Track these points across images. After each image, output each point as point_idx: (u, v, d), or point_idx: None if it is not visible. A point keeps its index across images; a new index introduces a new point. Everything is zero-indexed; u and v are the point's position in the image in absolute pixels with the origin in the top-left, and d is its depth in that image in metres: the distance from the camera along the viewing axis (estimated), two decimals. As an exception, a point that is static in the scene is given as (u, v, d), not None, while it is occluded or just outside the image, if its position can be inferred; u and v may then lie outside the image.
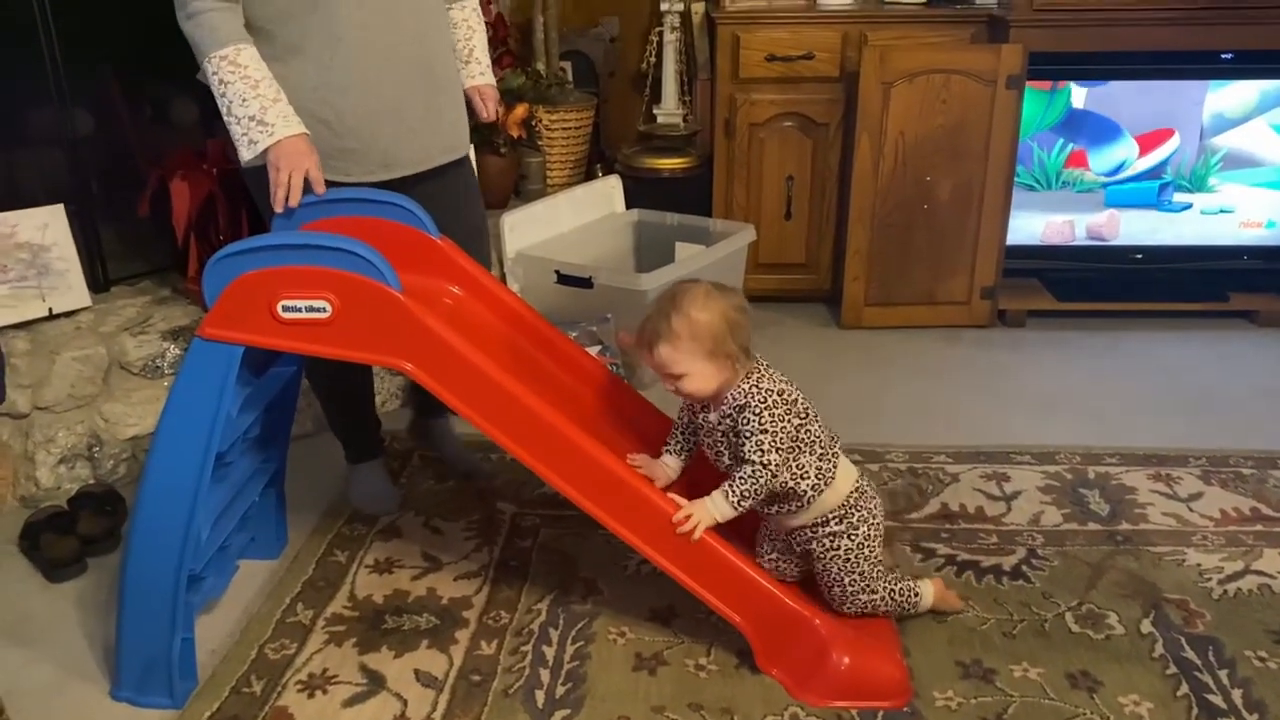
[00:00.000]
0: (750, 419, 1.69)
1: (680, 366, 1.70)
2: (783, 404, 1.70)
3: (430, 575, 2.07)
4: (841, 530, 1.77)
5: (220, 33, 1.77)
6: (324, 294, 1.59)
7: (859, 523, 1.77)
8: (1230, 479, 2.39)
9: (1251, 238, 3.24)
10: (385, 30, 1.88)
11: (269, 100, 1.79)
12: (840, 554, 1.77)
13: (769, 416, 1.69)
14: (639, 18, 3.66)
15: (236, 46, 1.78)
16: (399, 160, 1.97)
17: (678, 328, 1.68)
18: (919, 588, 1.86)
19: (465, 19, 2.16)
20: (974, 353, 3.09)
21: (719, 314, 1.69)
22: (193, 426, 1.63)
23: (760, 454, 1.68)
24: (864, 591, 1.78)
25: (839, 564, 1.77)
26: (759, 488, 1.70)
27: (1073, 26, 3.01)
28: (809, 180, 3.26)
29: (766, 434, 1.68)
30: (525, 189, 3.28)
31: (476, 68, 2.18)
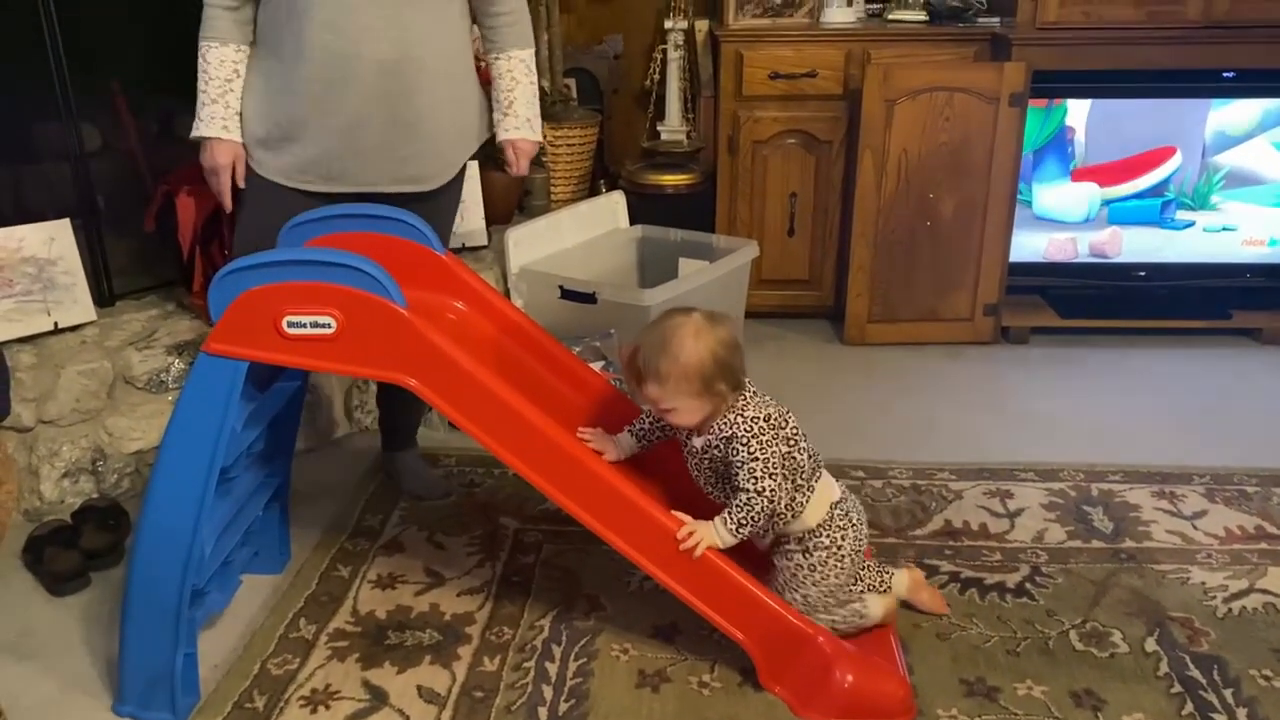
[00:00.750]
0: (739, 449, 1.70)
1: (668, 403, 1.71)
2: (770, 429, 1.71)
3: (433, 591, 2.07)
4: (797, 549, 1.79)
5: (205, 26, 1.95)
6: (329, 310, 1.60)
7: (829, 545, 1.78)
8: (1234, 497, 2.38)
9: (1254, 255, 3.24)
10: (349, 56, 1.91)
11: (209, 98, 1.96)
12: (799, 570, 1.78)
13: (757, 445, 1.70)
14: (643, 35, 3.68)
15: (208, 43, 1.94)
16: (346, 176, 2.01)
17: (665, 368, 1.68)
18: (865, 609, 1.83)
19: (510, 69, 2.14)
20: (977, 369, 3.10)
21: (708, 353, 1.67)
22: (197, 441, 1.63)
23: (754, 481, 1.69)
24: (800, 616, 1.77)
25: (791, 578, 1.79)
26: (756, 514, 1.70)
27: (1075, 45, 3.02)
28: (812, 197, 3.27)
29: (758, 461, 1.69)
30: (529, 205, 3.29)
31: (514, 120, 2.16)
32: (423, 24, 1.96)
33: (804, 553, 1.78)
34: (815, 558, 1.77)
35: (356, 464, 2.56)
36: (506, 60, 2.14)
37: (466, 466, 2.53)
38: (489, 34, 2.13)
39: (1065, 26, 3.01)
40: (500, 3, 2.09)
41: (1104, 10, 2.99)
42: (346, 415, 2.71)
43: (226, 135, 1.98)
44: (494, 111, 2.17)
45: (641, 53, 3.67)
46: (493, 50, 2.14)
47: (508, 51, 2.14)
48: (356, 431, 2.72)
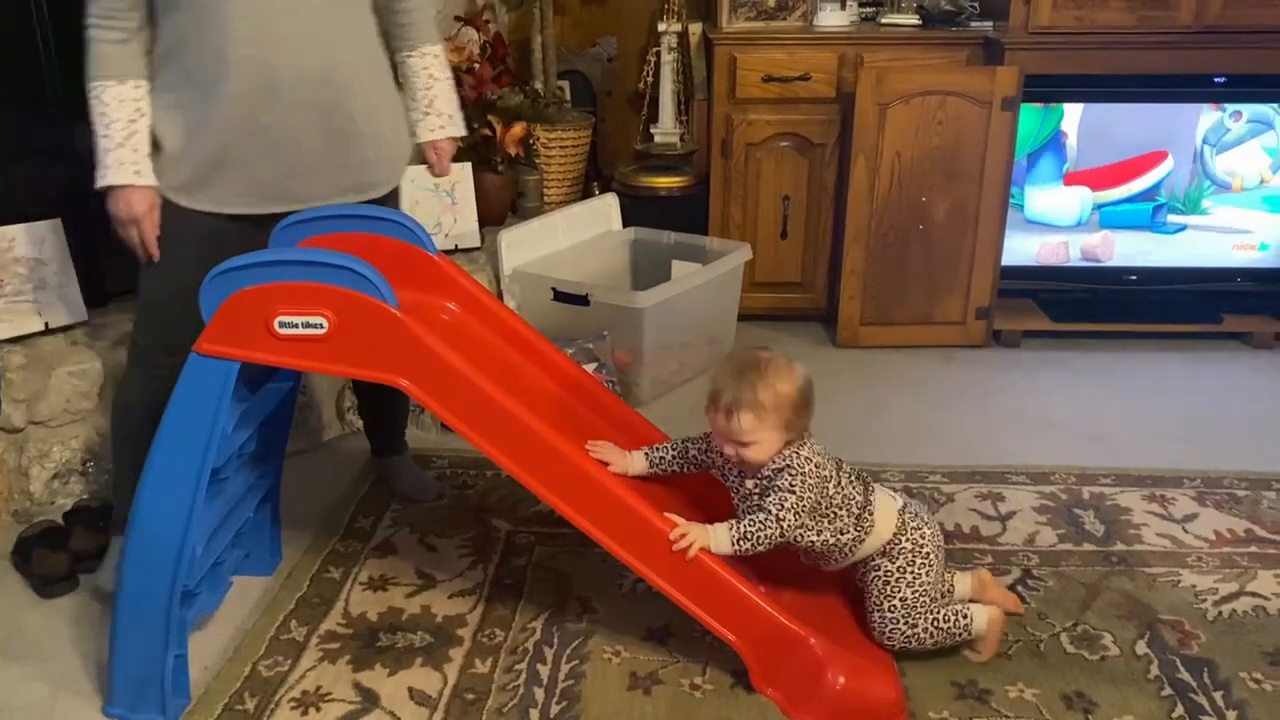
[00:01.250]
0: (786, 479, 1.73)
1: (754, 435, 1.72)
2: (816, 476, 1.74)
3: (425, 593, 2.06)
4: (882, 559, 1.80)
5: (95, 65, 1.79)
6: (321, 310, 1.59)
7: (912, 547, 1.80)
8: (1225, 500, 2.39)
9: (1245, 260, 3.25)
10: (275, 69, 1.80)
11: (114, 143, 1.79)
12: (881, 576, 1.80)
13: (801, 484, 1.72)
14: (637, 38, 3.68)
15: (102, 83, 1.79)
16: (289, 195, 1.90)
17: (763, 397, 1.70)
18: (968, 610, 1.83)
19: (425, 68, 2.06)
20: (969, 373, 3.10)
21: (798, 387, 1.73)
22: (189, 442, 1.63)
23: (780, 509, 1.71)
24: (903, 621, 1.79)
25: (878, 587, 1.80)
26: (764, 539, 1.71)
27: (1067, 49, 3.03)
28: (805, 200, 3.27)
29: (794, 495, 1.72)
30: (522, 207, 3.29)
31: (436, 120, 2.09)
32: (345, 28, 1.89)
33: (889, 558, 1.79)
34: (901, 560, 1.79)
35: (348, 466, 2.55)
36: (420, 57, 2.05)
37: (459, 468, 2.53)
38: (397, 31, 2.03)
39: (1057, 31, 3.02)
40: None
41: (1096, 15, 3.00)
42: (338, 417, 2.70)
43: (140, 181, 1.81)
44: (411, 112, 2.08)
45: (635, 55, 3.67)
46: (402, 48, 2.05)
47: (419, 48, 2.05)
48: (349, 433, 2.72)
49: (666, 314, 2.82)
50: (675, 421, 2.24)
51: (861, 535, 1.78)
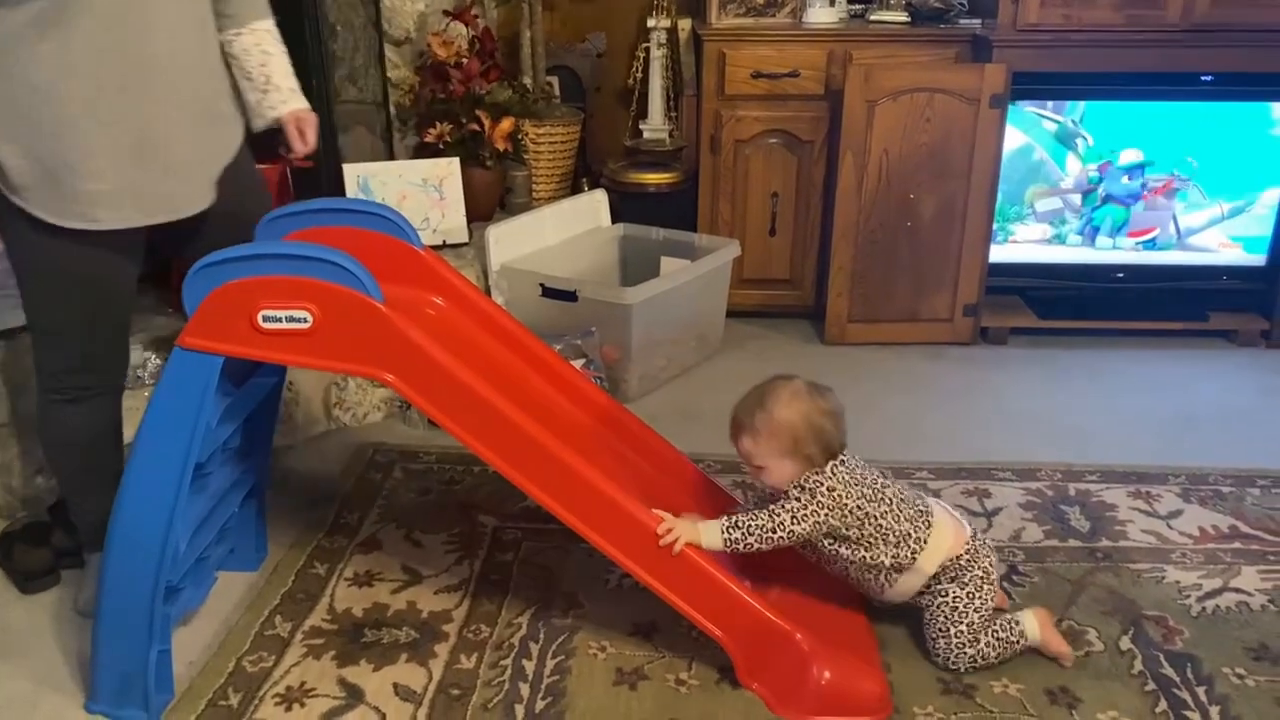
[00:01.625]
0: (796, 494, 1.75)
1: (759, 460, 1.77)
2: (830, 504, 1.75)
3: (410, 589, 2.06)
4: (949, 584, 1.80)
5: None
6: (305, 304, 1.59)
7: (981, 575, 1.80)
8: (1209, 497, 2.40)
9: (1231, 258, 3.27)
10: (132, 60, 1.65)
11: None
12: (948, 601, 1.79)
13: (814, 507, 1.74)
14: (626, 34, 3.67)
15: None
16: (165, 203, 1.75)
17: (759, 424, 1.76)
18: (1021, 620, 1.83)
19: (257, 42, 1.89)
20: (956, 370, 3.11)
21: (800, 415, 1.75)
22: (172, 436, 1.62)
23: (784, 513, 1.73)
24: (969, 644, 1.79)
25: (945, 613, 1.80)
26: (758, 539, 1.73)
27: (1055, 47, 3.04)
28: (793, 197, 3.27)
29: (796, 504, 1.74)
30: (511, 202, 3.28)
31: (278, 95, 1.92)
32: (193, 11, 1.77)
33: (959, 584, 1.79)
34: (970, 586, 1.79)
35: (334, 461, 2.54)
36: (250, 34, 1.89)
37: (445, 464, 2.52)
38: (223, 8, 1.85)
39: (1045, 29, 3.02)
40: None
41: (1084, 13, 3.00)
42: (325, 412, 2.69)
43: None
44: (247, 94, 1.91)
45: (624, 51, 3.66)
46: (231, 26, 1.87)
47: (249, 24, 1.89)
48: (335, 429, 2.71)
49: (655, 310, 2.82)
50: (663, 418, 2.24)
51: (906, 558, 1.78)
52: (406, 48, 3.12)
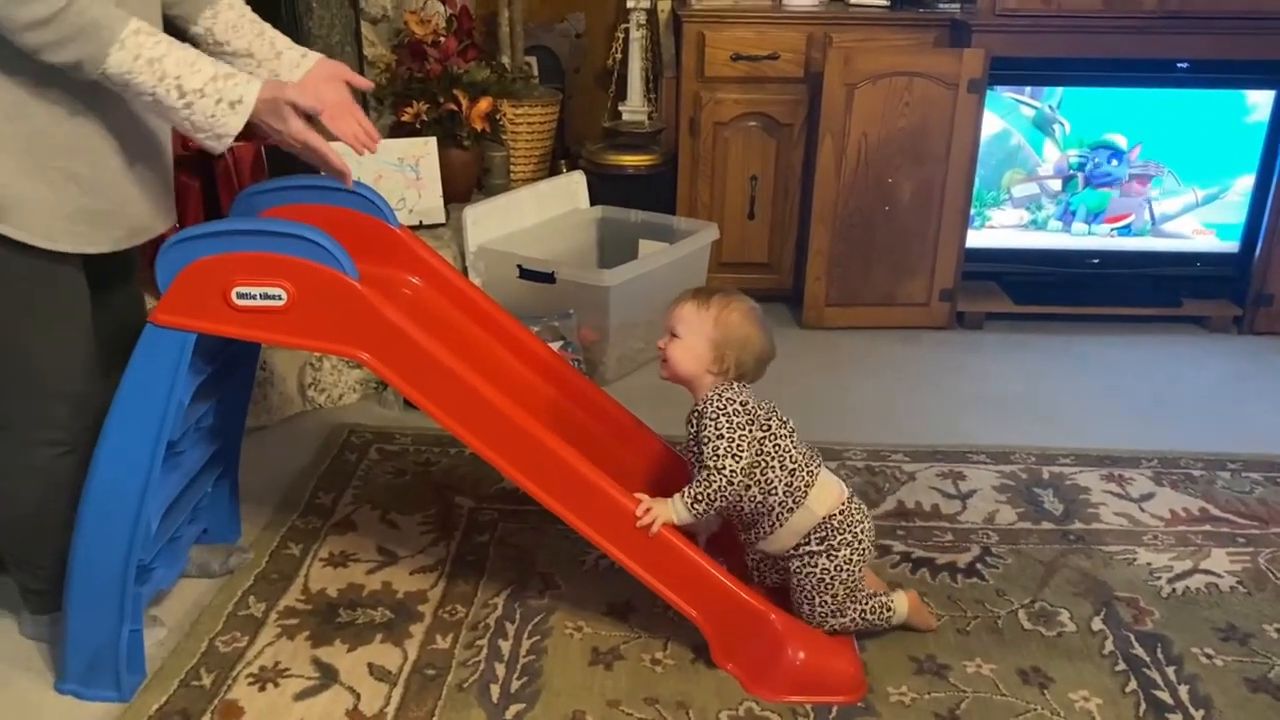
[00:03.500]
0: (708, 425, 1.71)
1: (683, 331, 1.75)
2: (744, 414, 1.72)
3: (386, 569, 2.05)
4: (820, 550, 1.76)
5: (117, 15, 1.43)
6: (279, 281, 1.57)
7: (840, 545, 1.76)
8: (1180, 480, 2.43)
9: (1204, 245, 3.29)
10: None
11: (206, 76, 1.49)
12: (816, 573, 1.76)
13: (725, 424, 1.70)
14: (605, 14, 3.65)
15: (134, 19, 1.45)
16: (145, 225, 1.67)
17: (714, 305, 1.75)
18: (892, 601, 1.83)
19: (241, 15, 1.74)
20: (932, 353, 3.12)
21: (747, 332, 1.74)
22: (144, 414, 1.60)
23: (716, 459, 1.69)
24: (834, 615, 1.77)
25: (812, 583, 1.77)
26: (714, 493, 1.70)
27: (1034, 32, 3.05)
28: (772, 180, 3.27)
29: (723, 439, 1.70)
30: (488, 183, 3.26)
31: (293, 55, 1.76)
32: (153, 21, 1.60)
33: (827, 554, 1.76)
34: (840, 555, 1.75)
35: (309, 442, 2.53)
36: (229, 9, 1.73)
37: (422, 446, 2.51)
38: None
39: (1025, 13, 3.03)
40: None
41: (1063, -1, 3.02)
42: (300, 393, 2.67)
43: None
44: (258, 67, 1.73)
45: (603, 32, 3.64)
46: (203, 9, 1.71)
47: (221, 1, 1.73)
48: (310, 410, 2.69)
49: (632, 293, 2.81)
50: (640, 400, 2.24)
51: (791, 502, 1.74)
52: (383, 25, 3.09)
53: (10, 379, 1.60)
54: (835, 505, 1.76)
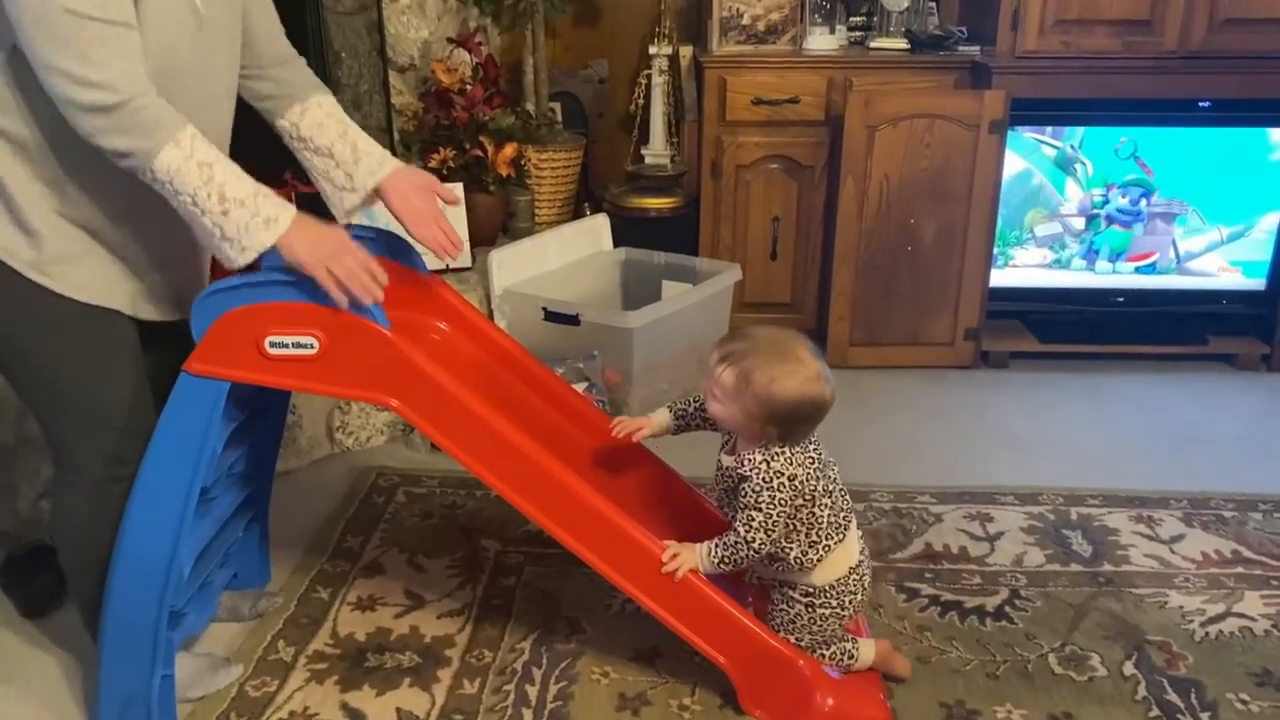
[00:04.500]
0: (748, 492, 1.69)
1: (724, 396, 1.69)
2: (789, 489, 1.68)
3: (413, 613, 2.06)
4: (803, 602, 1.76)
5: (178, 116, 1.47)
6: (311, 330, 1.60)
7: (820, 607, 1.75)
8: (1211, 521, 2.40)
9: (1230, 282, 3.28)
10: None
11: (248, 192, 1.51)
12: (790, 618, 1.77)
13: (767, 498, 1.67)
14: (628, 60, 3.71)
15: (190, 125, 1.48)
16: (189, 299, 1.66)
17: (757, 376, 1.64)
18: (856, 649, 1.80)
19: (329, 114, 1.78)
20: (958, 393, 3.11)
21: (795, 398, 1.64)
22: (178, 461, 1.62)
23: (749, 529, 1.68)
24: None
25: (783, 620, 1.77)
26: (739, 559, 1.70)
27: (1054, 74, 3.06)
28: (794, 221, 3.29)
29: (760, 512, 1.67)
30: (513, 227, 3.30)
31: (371, 160, 1.78)
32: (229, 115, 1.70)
33: (808, 607, 1.75)
34: (819, 613, 1.75)
35: (337, 485, 2.55)
36: (318, 107, 1.77)
37: (448, 488, 2.53)
38: (277, 89, 1.77)
39: (1044, 55, 3.05)
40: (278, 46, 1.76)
41: (1082, 40, 3.03)
42: (328, 436, 2.70)
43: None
44: (335, 170, 1.77)
45: (626, 77, 3.69)
46: (292, 105, 1.76)
47: (312, 97, 1.78)
48: (337, 452, 2.71)
49: (656, 334, 2.83)
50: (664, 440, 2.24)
51: (798, 566, 1.73)
52: (410, 74, 3.15)
53: (62, 413, 1.64)
54: (835, 577, 1.75)
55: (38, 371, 1.60)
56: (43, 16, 1.37)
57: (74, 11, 1.37)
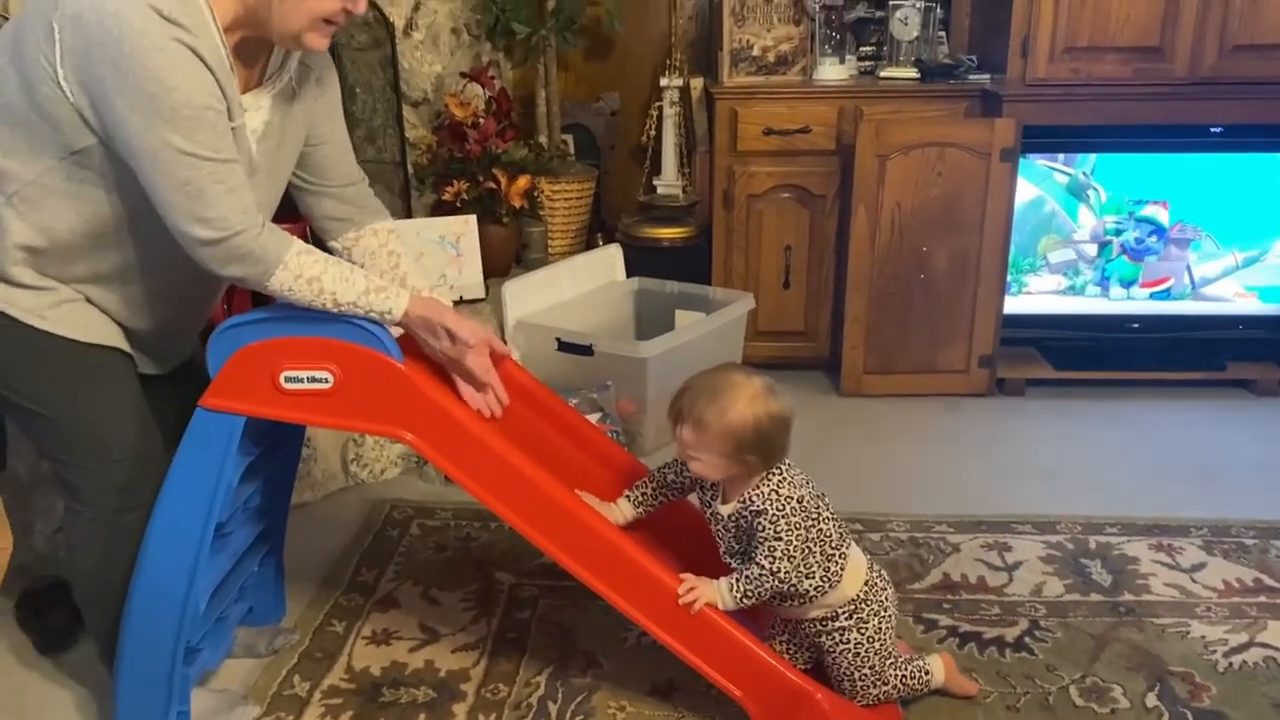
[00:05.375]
0: (766, 526, 1.68)
1: (695, 451, 1.69)
2: (800, 512, 1.69)
3: (428, 647, 2.05)
4: (850, 625, 1.75)
5: (285, 239, 1.57)
6: (326, 365, 1.61)
7: (869, 616, 1.75)
8: (1232, 549, 2.38)
9: (1246, 308, 3.26)
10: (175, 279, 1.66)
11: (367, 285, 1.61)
12: (850, 648, 1.75)
13: (785, 525, 1.67)
14: (639, 92, 3.73)
15: (297, 241, 1.59)
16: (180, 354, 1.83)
17: (709, 419, 1.65)
18: (929, 665, 1.82)
19: (382, 244, 1.84)
20: (973, 421, 3.10)
21: (751, 420, 1.65)
22: (194, 496, 1.63)
23: (772, 560, 1.67)
24: (875, 684, 1.76)
25: (849, 658, 1.76)
26: (764, 590, 1.69)
27: (1064, 101, 3.07)
28: (807, 250, 3.30)
29: (780, 541, 1.67)
30: (527, 258, 3.32)
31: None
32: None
33: (857, 628, 1.75)
34: (870, 627, 1.75)
35: (351, 517, 2.55)
36: (373, 235, 1.83)
37: (462, 520, 2.53)
38: (344, 213, 1.81)
39: (1055, 83, 3.06)
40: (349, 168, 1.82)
41: (1093, 67, 3.04)
42: (342, 468, 2.71)
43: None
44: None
45: (638, 109, 3.72)
46: (345, 230, 1.82)
47: (370, 225, 1.83)
48: (352, 485, 2.72)
49: (670, 363, 2.82)
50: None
51: (827, 585, 1.73)
52: (424, 108, 3.17)
53: (69, 446, 1.66)
54: (862, 582, 1.76)
55: (40, 408, 1.63)
56: (160, 156, 1.44)
57: (191, 154, 1.45)
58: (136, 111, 1.42)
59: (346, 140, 1.84)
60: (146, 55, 1.40)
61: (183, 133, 1.43)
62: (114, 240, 1.59)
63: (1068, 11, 2.98)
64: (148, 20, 1.40)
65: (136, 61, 1.40)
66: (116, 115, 1.43)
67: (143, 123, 1.42)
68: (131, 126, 1.43)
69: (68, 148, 1.50)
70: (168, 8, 1.42)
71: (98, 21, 1.40)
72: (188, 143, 1.44)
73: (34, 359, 1.60)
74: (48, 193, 1.53)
